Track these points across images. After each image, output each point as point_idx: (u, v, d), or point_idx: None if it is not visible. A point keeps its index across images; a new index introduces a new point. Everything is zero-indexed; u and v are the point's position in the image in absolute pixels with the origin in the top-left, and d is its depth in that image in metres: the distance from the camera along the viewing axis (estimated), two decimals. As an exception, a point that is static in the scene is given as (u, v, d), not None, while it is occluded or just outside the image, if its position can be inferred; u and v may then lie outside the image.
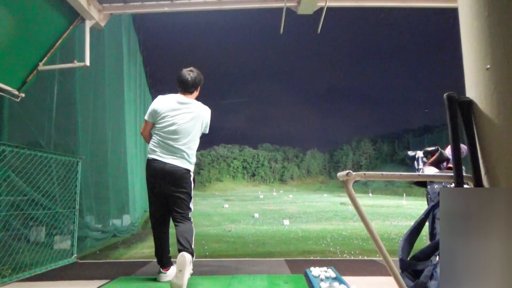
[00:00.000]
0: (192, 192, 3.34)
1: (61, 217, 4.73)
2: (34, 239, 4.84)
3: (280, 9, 4.06)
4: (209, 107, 3.49)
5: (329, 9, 4.08)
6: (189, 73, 3.39)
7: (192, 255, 3.04)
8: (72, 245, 4.70)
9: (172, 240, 3.35)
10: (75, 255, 4.64)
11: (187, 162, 3.28)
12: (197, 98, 3.51)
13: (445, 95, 1.23)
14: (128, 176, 9.63)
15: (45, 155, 4.34)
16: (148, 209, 3.43)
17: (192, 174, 3.36)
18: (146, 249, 6.80)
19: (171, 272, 3.34)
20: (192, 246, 3.09)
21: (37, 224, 4.76)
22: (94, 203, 6.94)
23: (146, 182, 3.35)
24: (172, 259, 3.42)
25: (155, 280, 3.33)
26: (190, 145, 3.30)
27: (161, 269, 3.35)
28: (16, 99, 3.95)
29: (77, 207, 4.83)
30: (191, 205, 3.31)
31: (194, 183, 3.41)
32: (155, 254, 3.37)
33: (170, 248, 3.41)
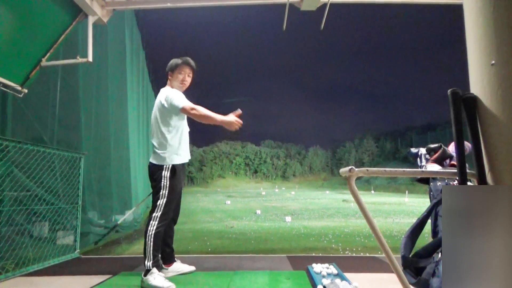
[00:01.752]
0: (164, 187, 3.11)
1: (64, 212, 4.75)
2: (37, 234, 4.87)
3: (283, 5, 4.04)
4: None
5: (332, 5, 4.05)
6: None
7: (150, 260, 3.00)
8: (75, 240, 4.72)
9: (176, 236, 3.37)
10: (77, 250, 4.66)
11: (157, 156, 3.17)
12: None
13: (449, 91, 1.22)
14: (130, 172, 9.65)
15: (48, 151, 4.36)
16: (150, 206, 3.40)
17: (166, 165, 3.14)
18: (148, 245, 6.81)
19: (174, 268, 3.36)
20: (147, 253, 3.02)
21: (40, 220, 4.78)
22: (97, 198, 6.97)
23: None
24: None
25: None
26: (155, 136, 3.22)
27: (162, 265, 3.37)
28: (19, 95, 3.96)
29: (80, 202, 4.85)
30: (159, 203, 3.10)
31: (172, 173, 3.15)
32: None
33: (171, 246, 3.41)
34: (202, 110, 3.09)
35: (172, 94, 3.18)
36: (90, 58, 4.15)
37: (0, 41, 3.43)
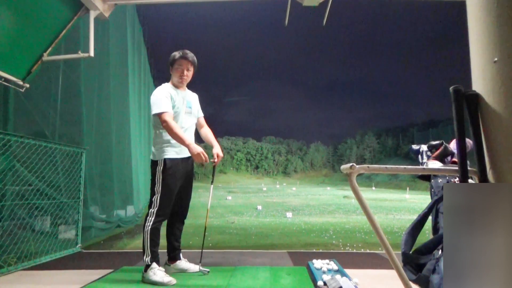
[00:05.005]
0: (157, 181, 3.10)
1: (65, 207, 4.77)
2: (39, 228, 4.89)
3: (285, 0, 4.02)
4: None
5: (334, 1, 4.04)
6: None
7: (148, 256, 3.02)
8: (77, 235, 4.74)
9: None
10: (79, 245, 4.69)
11: (152, 151, 3.23)
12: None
13: (451, 88, 1.22)
14: (132, 167, 9.67)
15: (50, 146, 4.37)
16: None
17: (158, 160, 3.15)
18: (149, 239, 6.83)
19: (177, 266, 3.35)
20: (145, 248, 3.04)
21: (42, 214, 4.80)
22: (99, 193, 6.99)
23: None
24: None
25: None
26: (153, 132, 3.29)
27: (166, 261, 3.38)
28: (21, 90, 3.96)
29: (82, 197, 4.87)
30: (154, 198, 3.10)
31: (164, 168, 3.12)
32: None
33: (176, 243, 3.40)
34: (173, 126, 3.04)
35: (156, 94, 3.15)
36: (92, 53, 4.15)
37: (2, 35, 3.43)
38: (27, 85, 4.00)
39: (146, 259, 3.02)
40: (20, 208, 4.57)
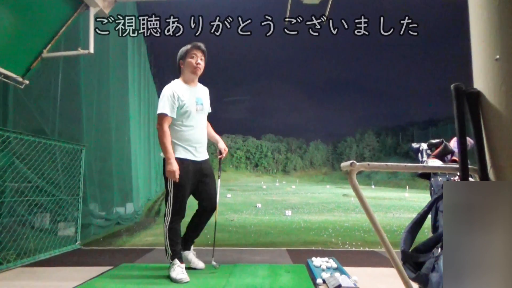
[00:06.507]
0: (169, 180, 3.08)
1: (65, 204, 4.77)
2: (38, 225, 4.89)
3: (286, -2, 4.02)
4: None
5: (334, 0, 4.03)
6: None
7: (169, 254, 3.08)
8: (76, 232, 4.75)
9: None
10: (78, 242, 4.69)
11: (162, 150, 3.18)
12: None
13: (452, 86, 1.21)
14: (131, 165, 9.67)
15: (49, 142, 4.36)
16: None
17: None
18: (149, 237, 6.86)
19: (184, 255, 3.35)
20: (166, 247, 3.10)
21: (41, 211, 4.80)
22: (98, 190, 6.99)
23: None
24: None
25: (158, 268, 3.36)
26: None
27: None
28: (20, 86, 3.95)
29: (81, 194, 4.86)
30: (168, 197, 3.10)
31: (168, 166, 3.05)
32: None
33: (195, 233, 3.43)
34: (164, 134, 3.03)
35: (163, 92, 3.13)
36: (92, 50, 4.14)
37: (1, 32, 3.42)
38: (27, 82, 3.99)
39: (167, 258, 3.10)
40: (20, 205, 4.57)
